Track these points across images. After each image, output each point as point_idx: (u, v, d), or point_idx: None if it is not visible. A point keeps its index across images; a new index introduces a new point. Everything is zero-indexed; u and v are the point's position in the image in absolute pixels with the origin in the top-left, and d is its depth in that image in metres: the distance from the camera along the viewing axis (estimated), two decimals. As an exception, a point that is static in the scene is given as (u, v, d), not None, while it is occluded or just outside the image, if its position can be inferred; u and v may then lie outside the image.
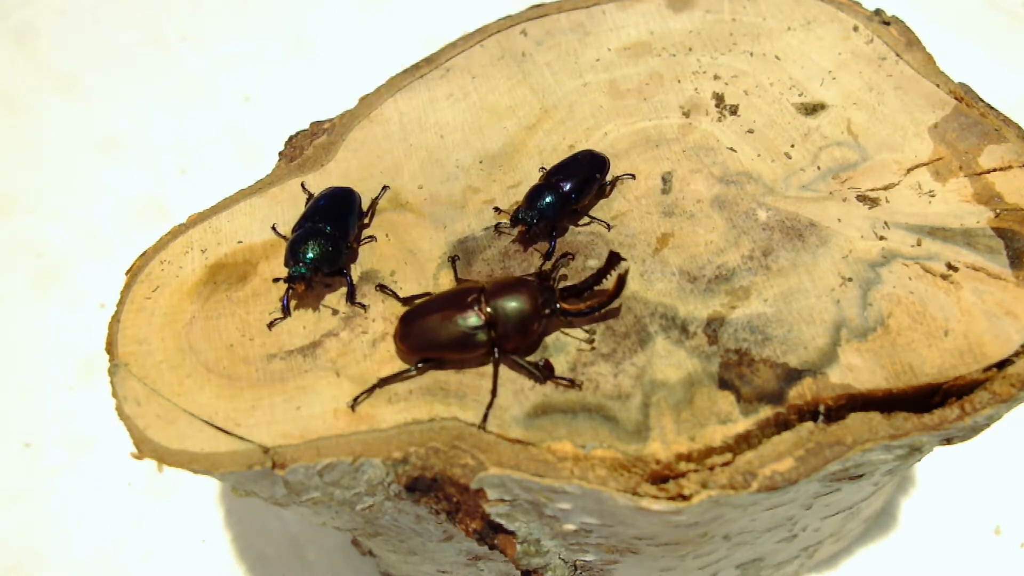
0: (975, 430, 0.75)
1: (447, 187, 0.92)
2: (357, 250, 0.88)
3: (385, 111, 0.99)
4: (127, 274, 0.87)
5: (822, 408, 0.74)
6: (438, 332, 0.77)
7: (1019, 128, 0.91)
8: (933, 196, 0.87)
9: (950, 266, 0.81)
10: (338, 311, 0.83)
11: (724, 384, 0.76)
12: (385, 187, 0.92)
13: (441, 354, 0.78)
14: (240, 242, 0.89)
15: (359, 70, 1.71)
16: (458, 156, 0.95)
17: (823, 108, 0.95)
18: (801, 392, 0.75)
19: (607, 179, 0.90)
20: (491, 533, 0.78)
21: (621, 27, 1.05)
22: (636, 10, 1.06)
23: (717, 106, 0.96)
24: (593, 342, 0.79)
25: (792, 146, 0.92)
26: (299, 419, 0.76)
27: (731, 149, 0.92)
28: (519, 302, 0.77)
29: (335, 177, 0.93)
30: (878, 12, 1.03)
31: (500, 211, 0.89)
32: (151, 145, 1.78)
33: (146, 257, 0.88)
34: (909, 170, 0.89)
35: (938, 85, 0.95)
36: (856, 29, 1.01)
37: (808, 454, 0.72)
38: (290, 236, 0.85)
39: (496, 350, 0.77)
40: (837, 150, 0.91)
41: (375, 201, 0.91)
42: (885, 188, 0.88)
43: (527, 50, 1.04)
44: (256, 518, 1.30)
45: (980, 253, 0.81)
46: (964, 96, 0.94)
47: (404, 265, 0.86)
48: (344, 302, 0.84)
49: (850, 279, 0.81)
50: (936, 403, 0.75)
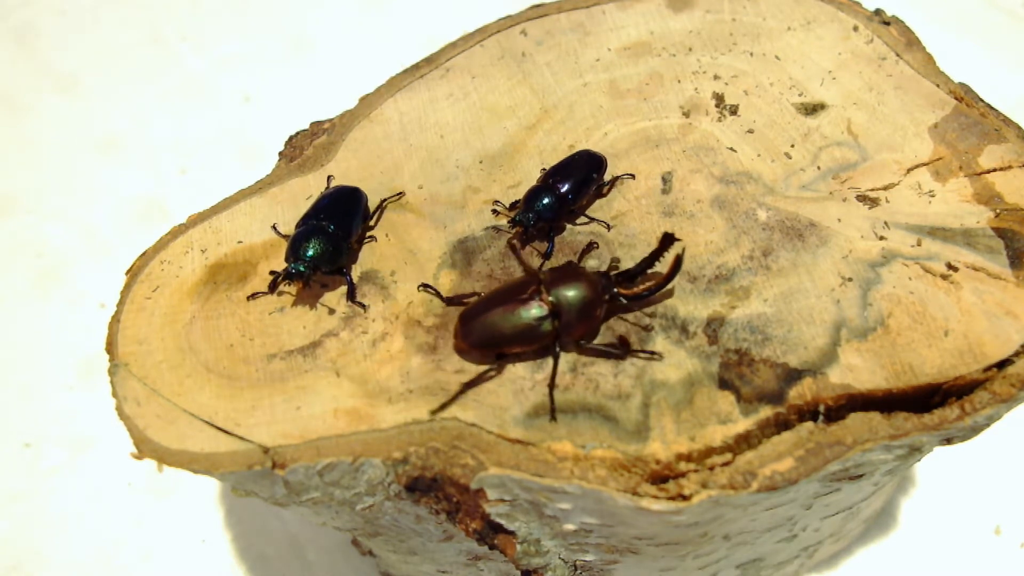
0: (975, 430, 0.76)
1: (447, 187, 0.92)
2: (358, 251, 0.88)
3: (385, 111, 0.99)
4: (127, 274, 0.87)
5: (822, 408, 0.74)
6: (501, 326, 0.77)
7: (1019, 128, 0.91)
8: (933, 196, 0.87)
9: (950, 266, 0.81)
10: (335, 311, 0.83)
11: (724, 384, 0.76)
12: (400, 193, 0.91)
13: (504, 348, 0.78)
14: (240, 242, 0.89)
15: (359, 70, 1.71)
16: (458, 156, 0.95)
17: (823, 108, 0.95)
18: (801, 392, 0.75)
19: (605, 179, 0.90)
20: (491, 533, 0.78)
21: (621, 27, 1.05)
22: (636, 10, 1.06)
23: (717, 106, 0.96)
24: (651, 327, 0.79)
25: (792, 146, 0.92)
26: (299, 419, 0.76)
27: (731, 149, 0.92)
28: (580, 289, 0.77)
29: (335, 177, 0.93)
30: (878, 12, 1.03)
31: (498, 212, 0.89)
32: (151, 145, 1.78)
33: (146, 257, 0.88)
34: (909, 170, 0.89)
35: (938, 85, 0.95)
36: (856, 29, 1.01)
37: (808, 454, 0.72)
38: (293, 231, 0.85)
39: (559, 340, 0.77)
40: (837, 150, 0.91)
41: (384, 203, 0.91)
42: (885, 188, 0.88)
43: (527, 50, 1.04)
44: (256, 518, 1.30)
45: (980, 253, 0.81)
46: (964, 96, 0.94)
47: (404, 265, 0.86)
48: (344, 302, 0.84)
49: (850, 279, 0.81)
50: (936, 403, 0.75)
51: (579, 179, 0.87)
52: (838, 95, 0.96)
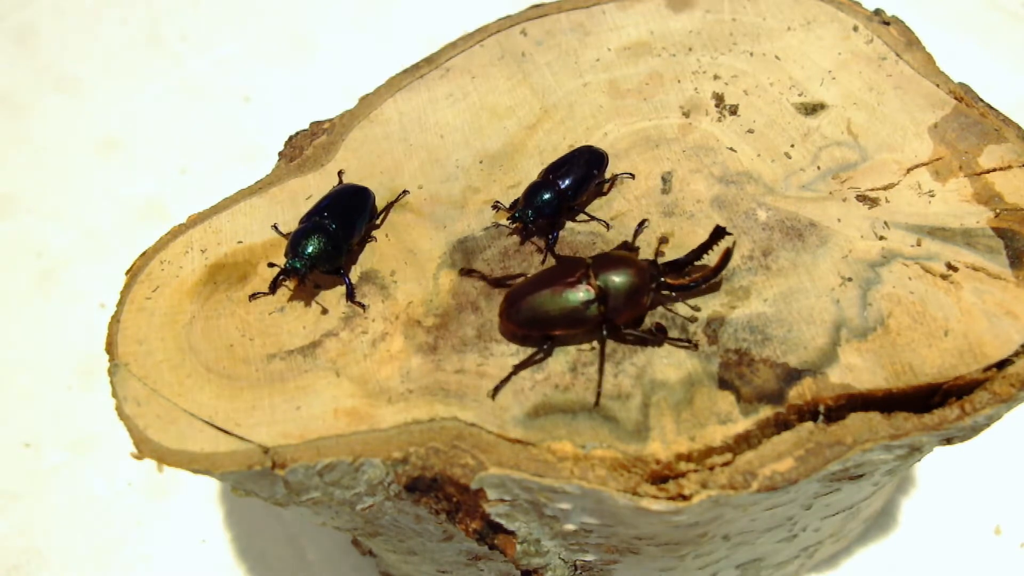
0: (975, 430, 0.76)
1: (447, 187, 0.92)
2: (359, 251, 0.87)
3: (385, 111, 0.99)
4: (127, 274, 0.87)
5: (822, 408, 0.74)
6: (548, 307, 0.77)
7: (1019, 128, 0.91)
8: (933, 196, 0.87)
9: (950, 266, 0.81)
10: (335, 311, 0.83)
11: (724, 384, 0.76)
12: (405, 191, 0.91)
13: (548, 330, 0.78)
14: (240, 242, 0.89)
15: (359, 70, 1.71)
16: (458, 156, 0.95)
17: (823, 108, 0.95)
18: (801, 392, 0.75)
19: (605, 176, 0.90)
20: (491, 533, 0.78)
21: (621, 27, 1.05)
22: (636, 10, 1.06)
23: (717, 106, 0.96)
24: (696, 319, 0.80)
25: (792, 146, 0.92)
26: (299, 419, 0.76)
27: (731, 149, 0.92)
28: (628, 276, 0.77)
29: (335, 177, 0.93)
30: (878, 12, 1.03)
31: (498, 209, 0.89)
32: (151, 145, 1.78)
33: (146, 257, 0.88)
34: (909, 170, 0.89)
35: (938, 85, 0.95)
36: (856, 29, 1.01)
37: (808, 454, 0.72)
38: (296, 227, 0.85)
39: (604, 325, 0.77)
40: (837, 150, 0.91)
41: (390, 204, 0.90)
42: (885, 188, 0.88)
43: (527, 50, 1.04)
44: (256, 518, 1.30)
45: (980, 253, 0.81)
46: (964, 96, 0.94)
47: (404, 265, 0.86)
48: (344, 301, 0.84)
49: (850, 279, 0.81)
50: (936, 403, 0.75)
51: (580, 175, 0.87)
52: (838, 95, 0.96)
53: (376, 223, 0.89)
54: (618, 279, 0.77)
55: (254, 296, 0.84)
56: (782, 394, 0.75)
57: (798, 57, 1.00)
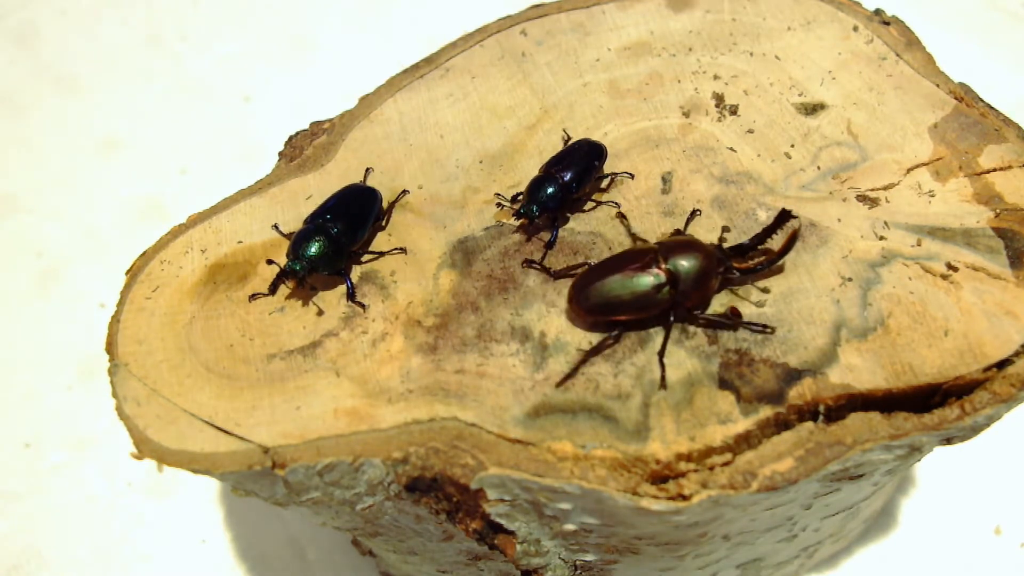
0: (975, 430, 0.76)
1: (447, 187, 0.92)
2: (364, 252, 0.87)
3: (385, 111, 0.99)
4: (127, 274, 0.87)
5: (822, 408, 0.74)
6: (618, 292, 0.78)
7: (1019, 128, 0.91)
8: (933, 196, 0.87)
9: (950, 266, 0.81)
10: (335, 311, 0.83)
11: (724, 384, 0.76)
12: (405, 191, 0.91)
13: (618, 315, 0.79)
14: (240, 242, 0.89)
15: (359, 70, 1.71)
16: (458, 156, 0.95)
17: (823, 108, 0.95)
18: (801, 392, 0.75)
19: (604, 171, 0.90)
20: (491, 533, 0.78)
21: (621, 27, 1.05)
22: (636, 10, 1.06)
23: (717, 106, 0.96)
24: (764, 303, 0.80)
25: (792, 146, 0.92)
26: (299, 419, 0.76)
27: (731, 149, 0.92)
28: (697, 259, 0.78)
29: (335, 177, 0.93)
30: (878, 12, 1.03)
31: (501, 207, 0.89)
32: (151, 145, 1.78)
33: (146, 257, 0.88)
34: (909, 170, 0.89)
35: (938, 85, 0.95)
36: (856, 29, 1.01)
37: (808, 454, 0.72)
38: (301, 226, 0.85)
39: (673, 308, 0.78)
40: (837, 150, 0.91)
41: (391, 204, 0.91)
42: (885, 188, 0.88)
43: (527, 50, 1.04)
44: (256, 518, 1.30)
45: (980, 253, 0.81)
46: (964, 96, 0.94)
47: (404, 265, 0.86)
48: (344, 301, 0.84)
49: (850, 279, 0.81)
50: (936, 403, 0.75)
51: (581, 168, 0.87)
52: (838, 95, 0.96)
53: (383, 224, 0.89)
54: (687, 263, 0.78)
55: (254, 296, 0.84)
56: (782, 394, 0.75)
57: (798, 57, 1.00)
